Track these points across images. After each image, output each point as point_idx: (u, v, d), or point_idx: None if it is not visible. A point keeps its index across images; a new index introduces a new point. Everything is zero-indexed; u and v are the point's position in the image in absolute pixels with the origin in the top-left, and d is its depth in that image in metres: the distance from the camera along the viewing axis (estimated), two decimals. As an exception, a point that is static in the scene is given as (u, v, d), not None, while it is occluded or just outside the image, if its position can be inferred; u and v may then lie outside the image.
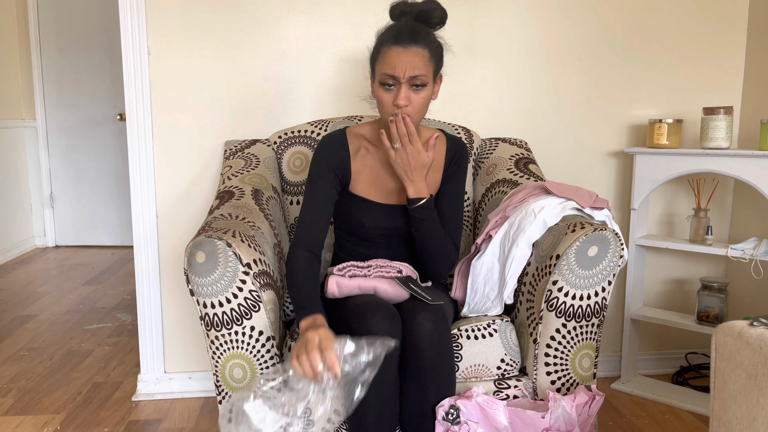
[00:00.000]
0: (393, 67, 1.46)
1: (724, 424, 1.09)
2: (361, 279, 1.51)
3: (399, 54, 1.46)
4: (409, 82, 1.47)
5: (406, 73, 1.46)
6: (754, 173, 1.94)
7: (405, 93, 1.47)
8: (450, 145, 1.68)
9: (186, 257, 1.36)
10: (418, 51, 1.47)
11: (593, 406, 1.41)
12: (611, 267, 1.45)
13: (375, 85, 1.53)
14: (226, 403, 1.29)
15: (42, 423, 2.05)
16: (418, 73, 1.46)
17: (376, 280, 1.51)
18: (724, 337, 1.10)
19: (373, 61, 1.54)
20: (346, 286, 1.51)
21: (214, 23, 2.10)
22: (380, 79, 1.49)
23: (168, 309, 2.22)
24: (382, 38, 1.51)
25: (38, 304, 3.36)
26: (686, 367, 2.40)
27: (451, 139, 1.70)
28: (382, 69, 1.48)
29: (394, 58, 1.46)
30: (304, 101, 2.16)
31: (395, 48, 1.47)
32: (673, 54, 2.28)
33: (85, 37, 4.61)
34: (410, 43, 1.46)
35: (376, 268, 1.53)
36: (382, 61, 1.49)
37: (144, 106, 2.10)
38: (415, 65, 1.46)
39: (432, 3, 1.54)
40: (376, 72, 1.52)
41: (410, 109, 1.49)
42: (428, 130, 1.69)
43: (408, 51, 1.46)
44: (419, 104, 1.50)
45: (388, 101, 1.50)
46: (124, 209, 4.81)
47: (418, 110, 1.51)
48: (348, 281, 1.51)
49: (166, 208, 2.17)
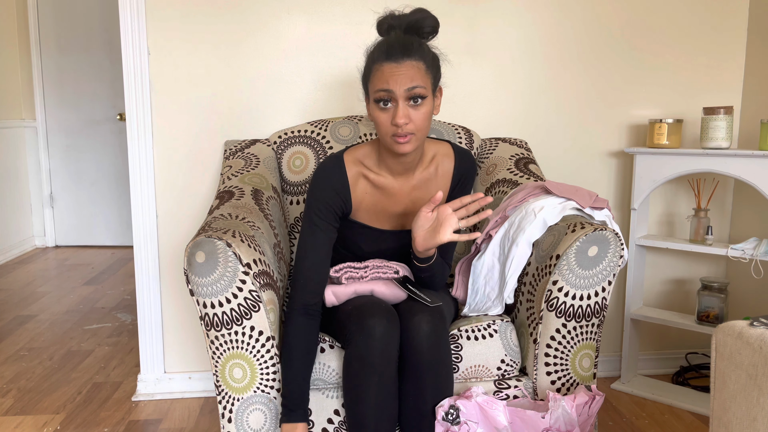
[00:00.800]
0: (386, 82, 1.35)
1: (724, 424, 1.09)
2: (357, 284, 1.51)
3: (392, 69, 1.35)
4: (407, 97, 1.35)
5: (401, 86, 1.34)
6: (754, 173, 1.94)
7: (403, 110, 1.35)
8: (458, 162, 1.56)
9: (186, 257, 1.36)
10: (412, 64, 1.36)
11: (593, 406, 1.41)
12: (611, 267, 1.45)
13: (370, 105, 1.42)
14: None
15: (42, 423, 2.05)
16: (415, 84, 1.35)
17: (372, 283, 1.51)
18: (724, 337, 1.10)
19: (365, 81, 1.43)
20: (343, 294, 1.51)
21: (215, 23, 2.10)
22: (374, 97, 1.38)
23: (168, 309, 2.22)
24: (372, 56, 1.40)
25: (38, 304, 3.36)
26: (686, 367, 2.40)
27: (460, 155, 1.57)
28: (375, 86, 1.37)
29: (387, 73, 1.35)
30: (304, 101, 2.16)
31: (387, 64, 1.36)
32: (673, 54, 2.28)
33: (85, 37, 4.61)
34: (403, 57, 1.35)
35: (373, 268, 1.51)
36: (374, 78, 1.38)
37: (144, 106, 2.10)
38: (409, 77, 1.35)
39: (421, 12, 1.42)
40: (370, 91, 1.41)
41: (411, 126, 1.37)
42: (435, 144, 1.58)
43: (401, 65, 1.35)
44: (420, 121, 1.37)
45: (385, 121, 1.38)
46: (124, 209, 4.81)
47: (420, 127, 1.38)
48: (344, 289, 1.51)
49: (166, 208, 2.17)
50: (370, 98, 1.42)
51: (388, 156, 1.47)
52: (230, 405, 1.43)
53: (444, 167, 1.56)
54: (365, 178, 1.52)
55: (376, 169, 1.52)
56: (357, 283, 1.51)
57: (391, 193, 1.53)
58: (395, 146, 1.39)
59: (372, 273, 1.51)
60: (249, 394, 1.42)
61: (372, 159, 1.52)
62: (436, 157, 1.55)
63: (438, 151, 1.56)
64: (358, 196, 1.52)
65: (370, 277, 1.51)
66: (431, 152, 1.55)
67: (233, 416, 1.43)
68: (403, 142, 1.37)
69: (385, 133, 1.39)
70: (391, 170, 1.51)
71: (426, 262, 1.49)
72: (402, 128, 1.36)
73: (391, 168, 1.50)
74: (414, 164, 1.51)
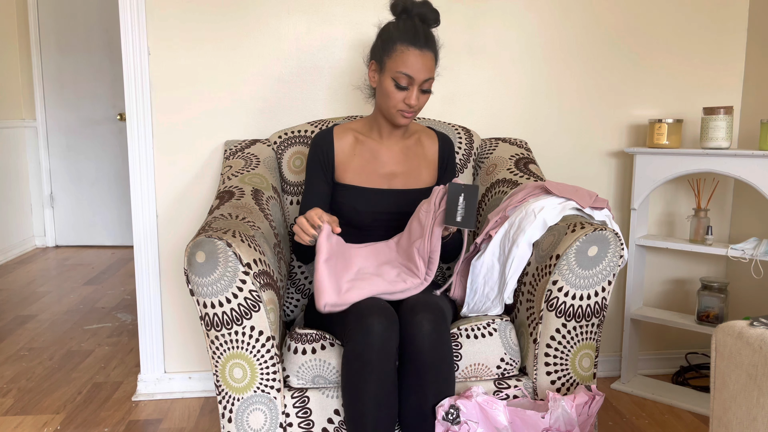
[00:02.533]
0: (413, 68, 1.54)
1: (724, 424, 1.09)
2: (357, 292, 1.47)
3: (417, 57, 1.54)
4: (421, 86, 1.57)
5: (421, 75, 1.55)
6: (754, 173, 1.94)
7: (417, 94, 1.57)
8: (441, 141, 1.78)
9: (186, 257, 1.36)
10: (430, 55, 1.57)
11: (593, 406, 1.41)
12: (611, 267, 1.45)
13: (384, 77, 1.59)
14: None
15: (42, 423, 2.05)
16: (430, 75, 1.57)
17: (371, 286, 1.49)
18: (724, 337, 1.10)
19: (382, 54, 1.60)
20: (345, 300, 1.46)
21: (215, 23, 2.10)
22: (394, 76, 1.56)
23: (168, 309, 2.22)
24: (397, 35, 1.57)
25: (38, 304, 3.36)
26: (686, 367, 2.40)
27: (441, 135, 1.79)
28: (399, 67, 1.55)
29: (412, 60, 1.54)
30: (304, 101, 2.16)
31: (413, 50, 1.54)
32: (673, 54, 2.28)
33: (85, 37, 4.61)
34: (425, 47, 1.55)
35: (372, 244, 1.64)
36: (398, 59, 1.55)
37: (144, 106, 2.10)
38: (429, 69, 1.56)
39: (427, 5, 1.61)
40: (388, 67, 1.58)
41: (417, 107, 1.60)
42: (415, 125, 1.80)
43: (424, 55, 1.55)
44: (424, 103, 1.62)
45: (398, 98, 1.58)
46: (124, 209, 4.81)
47: (421, 107, 1.62)
48: (348, 294, 1.47)
49: (166, 208, 2.17)
50: (385, 72, 1.59)
51: (384, 124, 1.69)
52: (230, 405, 1.43)
53: (429, 149, 1.76)
54: (355, 140, 1.72)
55: (366, 132, 1.73)
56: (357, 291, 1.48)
57: (379, 155, 1.71)
58: (399, 119, 1.62)
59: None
60: (249, 394, 1.43)
61: (363, 125, 1.74)
62: (419, 133, 1.78)
63: (420, 130, 1.78)
64: (344, 158, 1.70)
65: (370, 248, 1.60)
66: (415, 128, 1.78)
67: (233, 416, 1.43)
68: (408, 116, 1.62)
69: (393, 106, 1.60)
70: (380, 134, 1.72)
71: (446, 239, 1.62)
72: (413, 108, 1.59)
73: (381, 132, 1.71)
74: (401, 130, 1.73)
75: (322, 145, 1.71)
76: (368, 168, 1.70)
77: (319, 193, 1.70)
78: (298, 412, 1.46)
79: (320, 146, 1.71)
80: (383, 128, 1.70)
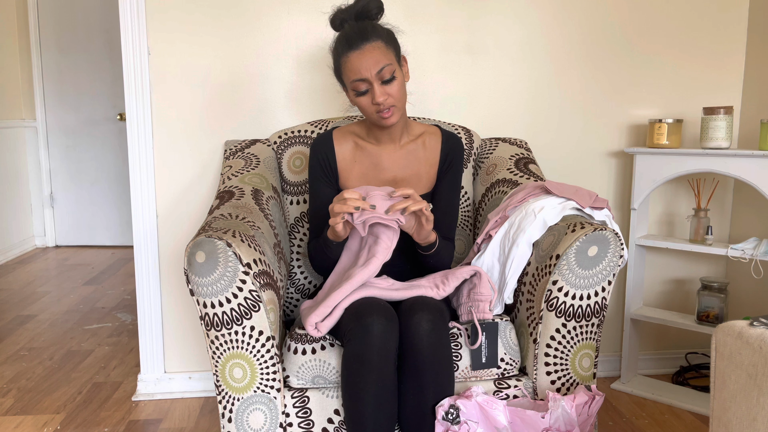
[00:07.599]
0: (358, 71, 1.51)
1: (724, 424, 1.09)
2: (361, 291, 1.47)
3: (357, 57, 1.51)
4: (379, 78, 1.51)
5: (371, 70, 1.50)
6: (754, 173, 1.94)
7: (379, 90, 1.52)
8: (444, 140, 1.72)
9: (186, 257, 1.36)
10: (373, 46, 1.51)
11: (593, 406, 1.41)
12: (611, 267, 1.45)
13: (350, 95, 1.58)
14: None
15: (42, 423, 2.05)
16: (382, 65, 1.50)
17: (371, 288, 1.49)
18: (724, 337, 1.10)
19: (338, 76, 1.60)
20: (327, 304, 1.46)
21: (215, 23, 2.10)
22: (352, 87, 1.55)
23: (168, 309, 2.22)
24: (337, 50, 1.57)
25: (38, 304, 3.36)
26: (686, 367, 2.40)
27: (446, 134, 1.73)
28: (350, 77, 1.53)
29: (355, 63, 1.51)
30: (304, 101, 2.16)
31: (351, 53, 1.52)
32: (673, 54, 2.28)
33: (85, 37, 4.61)
34: (362, 42, 1.51)
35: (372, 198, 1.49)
36: (346, 71, 1.54)
37: (144, 105, 2.10)
38: (376, 60, 1.50)
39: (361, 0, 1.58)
40: (346, 83, 1.58)
41: (391, 100, 1.54)
42: (425, 125, 1.74)
43: (364, 50, 1.51)
44: (396, 92, 1.54)
45: (368, 104, 1.55)
46: (124, 209, 4.81)
47: (398, 98, 1.55)
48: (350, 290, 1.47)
49: (166, 208, 2.17)
50: (348, 89, 1.59)
51: (377, 129, 1.65)
52: (230, 405, 1.43)
53: (431, 143, 1.72)
54: (355, 144, 1.70)
55: (365, 137, 1.70)
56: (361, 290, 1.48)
57: (380, 161, 1.68)
58: (382, 121, 1.57)
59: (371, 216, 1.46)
60: (249, 394, 1.43)
61: (361, 129, 1.71)
62: (424, 135, 1.72)
63: (426, 131, 1.73)
64: (345, 164, 1.69)
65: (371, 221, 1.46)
66: (420, 130, 1.73)
67: (233, 416, 1.43)
68: (388, 116, 1.56)
69: (371, 113, 1.57)
70: (379, 140, 1.68)
71: (430, 249, 1.60)
72: (383, 104, 1.53)
73: (378, 138, 1.68)
74: (399, 132, 1.68)
75: (323, 151, 1.68)
76: (369, 175, 1.69)
77: (327, 199, 1.67)
78: (298, 412, 1.46)
79: (321, 152, 1.68)
80: (378, 134, 1.67)
